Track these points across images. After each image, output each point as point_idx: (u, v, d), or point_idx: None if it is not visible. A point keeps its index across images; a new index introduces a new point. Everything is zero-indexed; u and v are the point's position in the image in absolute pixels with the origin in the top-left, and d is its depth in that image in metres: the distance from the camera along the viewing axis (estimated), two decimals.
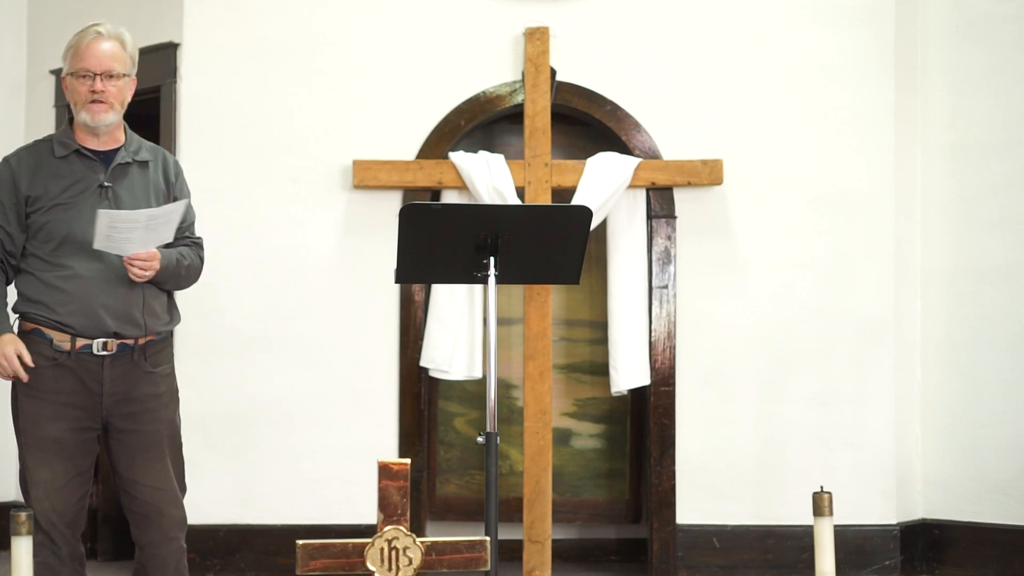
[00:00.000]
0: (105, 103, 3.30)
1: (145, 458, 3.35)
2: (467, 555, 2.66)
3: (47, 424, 3.25)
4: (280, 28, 5.21)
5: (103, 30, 3.36)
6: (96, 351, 3.26)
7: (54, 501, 3.26)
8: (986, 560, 5.13)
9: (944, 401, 5.28)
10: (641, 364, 5.09)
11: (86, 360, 3.26)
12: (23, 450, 3.29)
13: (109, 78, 3.31)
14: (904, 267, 5.29)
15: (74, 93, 3.32)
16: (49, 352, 3.25)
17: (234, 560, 5.07)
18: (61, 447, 3.26)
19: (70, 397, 3.26)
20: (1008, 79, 5.23)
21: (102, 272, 3.27)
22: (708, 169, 5.10)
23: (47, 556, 3.25)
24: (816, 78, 5.21)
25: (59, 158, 3.31)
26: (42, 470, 3.26)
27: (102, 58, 3.31)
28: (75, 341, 3.25)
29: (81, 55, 3.31)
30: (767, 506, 5.11)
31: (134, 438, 3.34)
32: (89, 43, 3.32)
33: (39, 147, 3.36)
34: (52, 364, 3.25)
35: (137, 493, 3.36)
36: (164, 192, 3.42)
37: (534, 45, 5.11)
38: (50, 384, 3.25)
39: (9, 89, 5.90)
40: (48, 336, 3.25)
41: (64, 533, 3.28)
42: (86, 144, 3.34)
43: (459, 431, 5.42)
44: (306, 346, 5.13)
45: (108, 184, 3.31)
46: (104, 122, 3.31)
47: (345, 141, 5.17)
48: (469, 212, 3.81)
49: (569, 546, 5.42)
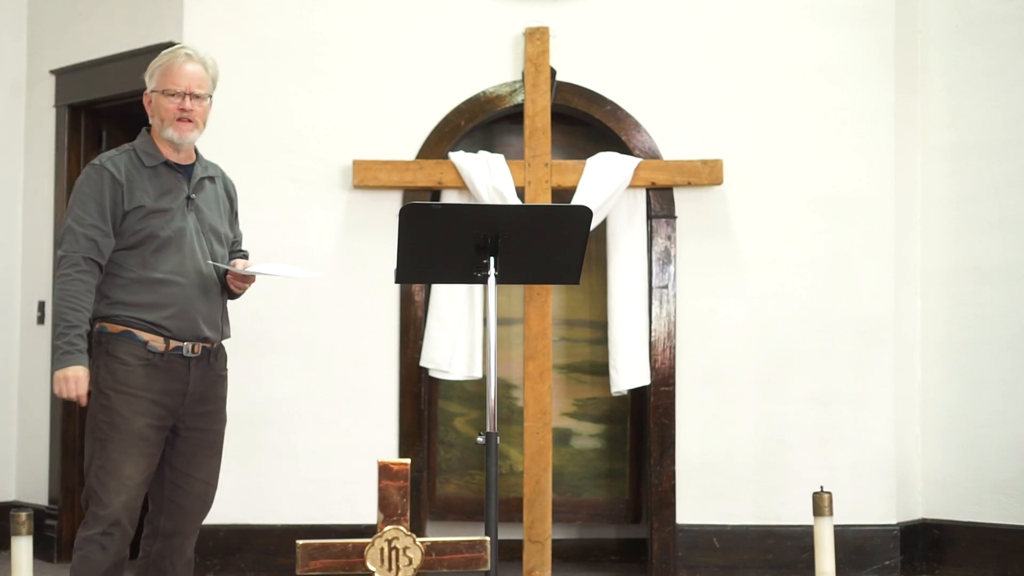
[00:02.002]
0: (192, 122, 3.47)
1: (206, 455, 3.52)
2: (467, 555, 2.66)
3: (138, 420, 3.35)
4: (280, 28, 5.21)
5: (191, 52, 3.52)
6: (186, 353, 3.42)
7: (130, 496, 3.34)
8: (986, 560, 5.13)
9: (944, 401, 5.28)
10: (641, 364, 5.09)
11: (175, 361, 3.41)
12: (104, 445, 3.34)
13: (196, 98, 3.47)
14: (904, 267, 5.29)
15: (161, 110, 3.46)
16: (142, 353, 3.37)
17: (234, 560, 5.07)
18: (147, 444, 3.37)
19: (158, 395, 3.39)
20: (1008, 79, 5.24)
21: (198, 279, 3.45)
22: (708, 169, 5.10)
23: (94, 551, 3.29)
24: (816, 78, 5.21)
25: (149, 167, 3.45)
26: (128, 465, 3.34)
27: (191, 79, 3.47)
28: (168, 343, 3.40)
29: (172, 75, 3.46)
30: (767, 506, 5.11)
31: (203, 436, 3.50)
32: (180, 64, 3.47)
33: (127, 155, 3.47)
34: (144, 364, 3.37)
35: (189, 486, 3.48)
36: (228, 207, 3.67)
37: (534, 45, 5.11)
38: (142, 382, 3.36)
39: (9, 89, 5.90)
40: (141, 339, 3.37)
41: (126, 530, 3.34)
42: (170, 158, 3.49)
43: (459, 431, 5.42)
44: (306, 346, 5.13)
45: (193, 196, 3.51)
46: (190, 140, 3.50)
47: (345, 141, 5.17)
48: (469, 212, 3.81)
49: (569, 546, 5.42)
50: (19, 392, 5.89)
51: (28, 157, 5.90)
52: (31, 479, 5.79)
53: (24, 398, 5.87)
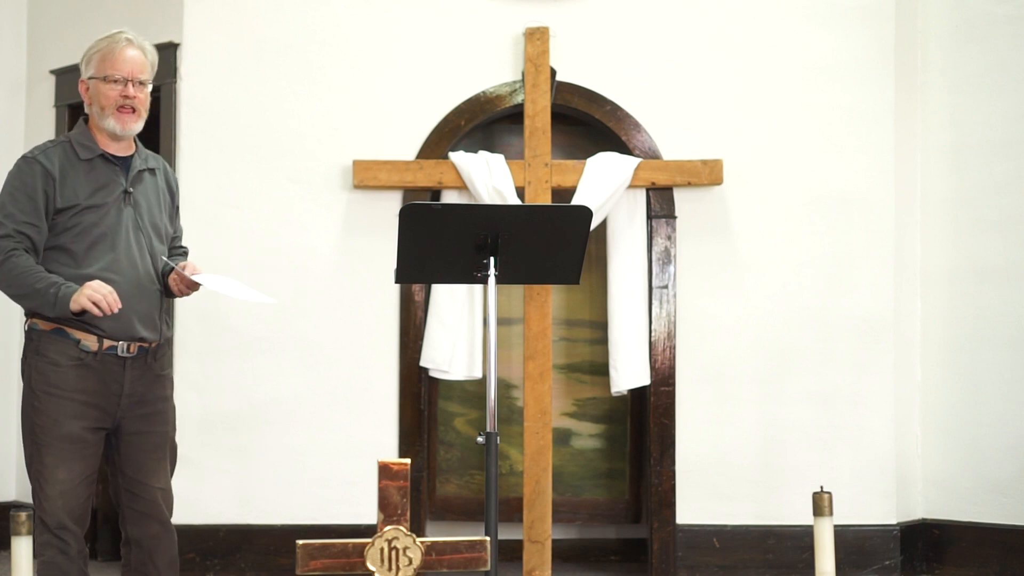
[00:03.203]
0: (135, 111, 3.34)
1: (153, 459, 3.41)
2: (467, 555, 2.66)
3: (69, 423, 3.26)
4: (280, 28, 5.21)
5: (131, 37, 3.39)
6: (120, 353, 3.31)
7: (67, 500, 3.27)
8: (986, 560, 5.13)
9: (944, 401, 5.28)
10: (641, 364, 5.09)
11: (109, 361, 3.30)
12: (39, 448, 3.29)
13: (139, 85, 3.35)
14: (904, 267, 5.29)
15: (102, 97, 3.33)
16: (74, 352, 3.27)
17: (234, 560, 5.07)
18: (79, 446, 3.28)
19: (91, 397, 3.29)
20: (1008, 79, 5.23)
21: (134, 277, 3.32)
22: (708, 169, 5.10)
23: (55, 555, 3.25)
24: (816, 78, 5.21)
25: (84, 160, 3.33)
26: (60, 469, 3.26)
27: (133, 64, 3.34)
28: (102, 342, 3.28)
29: (112, 60, 3.33)
30: (767, 506, 5.11)
31: (146, 439, 3.40)
32: (121, 49, 3.34)
33: (61, 148, 3.34)
34: (76, 364, 3.28)
35: (144, 493, 3.40)
36: (168, 200, 3.51)
37: (534, 45, 5.11)
38: (73, 383, 3.26)
39: (9, 89, 5.90)
40: (74, 337, 3.27)
41: (75, 531, 3.29)
42: (107, 149, 3.36)
43: (459, 431, 5.42)
44: (306, 346, 5.13)
45: (131, 190, 3.37)
46: (133, 131, 3.37)
47: (345, 141, 5.17)
48: (469, 212, 3.81)
49: (569, 546, 5.42)
50: (19, 392, 5.88)
51: None
52: None
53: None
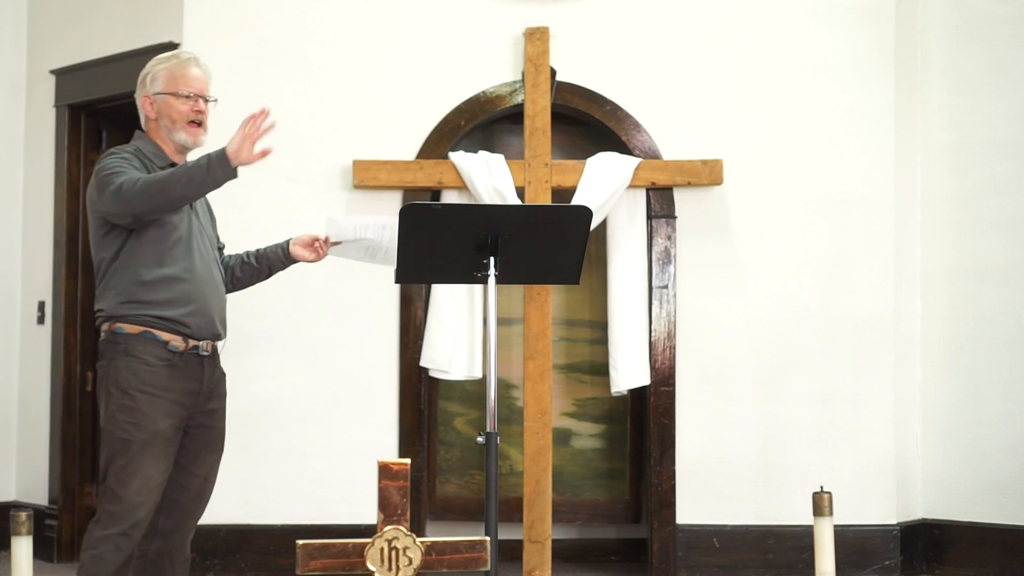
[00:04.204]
0: (202, 126, 3.49)
1: (210, 452, 3.51)
2: (467, 555, 2.66)
3: (162, 421, 3.33)
4: (280, 28, 5.21)
5: (196, 57, 3.53)
6: (201, 352, 3.42)
7: (147, 498, 3.32)
8: (986, 560, 5.13)
9: (944, 401, 5.28)
10: (641, 364, 5.09)
11: (192, 361, 3.40)
12: (128, 446, 3.30)
13: (206, 102, 3.50)
14: (904, 267, 5.29)
15: (173, 111, 3.45)
16: (163, 353, 3.35)
17: (234, 560, 5.07)
18: (167, 444, 3.36)
19: (179, 396, 3.38)
20: (1008, 79, 5.24)
21: (209, 278, 3.45)
22: (708, 169, 5.10)
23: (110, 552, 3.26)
24: (816, 78, 5.21)
25: (159, 168, 3.43)
26: (151, 465, 3.32)
27: (202, 83, 3.50)
28: (187, 342, 3.38)
29: (184, 78, 3.47)
30: (767, 506, 5.11)
31: (209, 434, 3.50)
32: (191, 67, 3.49)
33: (139, 152, 3.42)
34: (166, 364, 3.35)
35: (189, 483, 3.47)
36: (209, 212, 3.67)
37: (534, 45, 5.11)
38: (165, 382, 3.34)
39: (9, 89, 5.90)
40: (162, 339, 3.34)
41: (144, 530, 3.35)
42: (173, 160, 3.48)
43: (459, 431, 5.42)
44: (306, 346, 5.13)
45: None
46: (202, 143, 3.51)
47: (345, 141, 5.17)
48: (469, 212, 3.81)
49: (569, 546, 5.42)
50: (19, 392, 5.89)
51: (28, 157, 5.90)
52: (31, 479, 5.79)
53: (24, 398, 5.87)
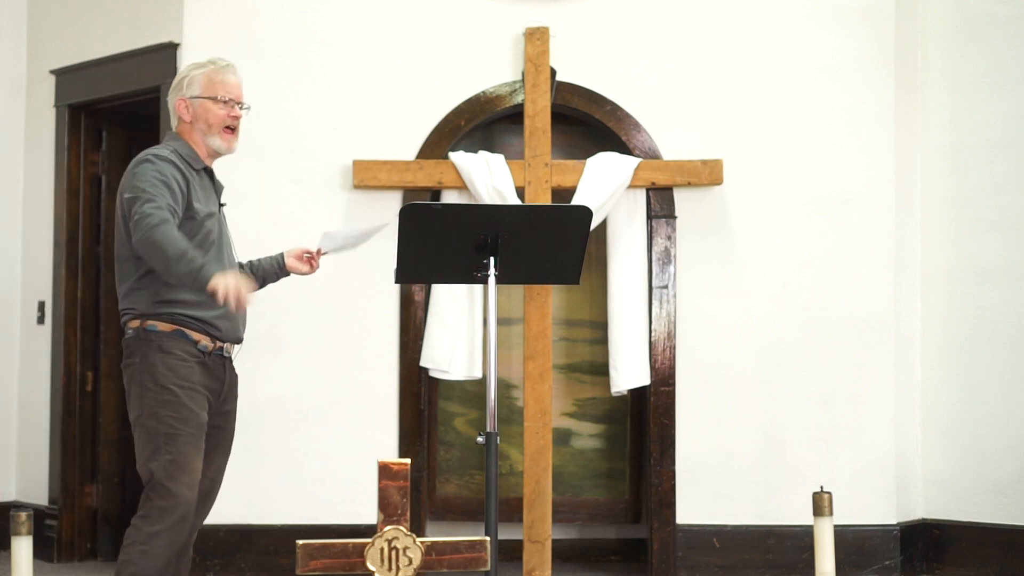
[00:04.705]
0: (235, 132, 3.55)
1: (219, 452, 3.57)
2: (467, 555, 2.66)
3: (201, 414, 3.41)
4: (280, 28, 5.21)
5: (232, 64, 3.57)
6: (225, 353, 3.51)
7: (196, 489, 3.38)
8: (986, 560, 5.13)
9: (944, 401, 5.28)
10: (641, 364, 5.09)
11: (217, 361, 3.48)
12: (173, 440, 3.33)
13: (242, 108, 3.56)
14: (904, 267, 5.29)
15: (210, 115, 3.50)
16: (194, 351, 3.41)
17: (234, 560, 5.07)
18: (204, 438, 3.42)
19: (210, 394, 3.46)
20: (1008, 79, 5.24)
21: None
22: (708, 169, 5.10)
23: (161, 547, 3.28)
24: (816, 78, 5.21)
25: (196, 170, 3.47)
26: (197, 458, 3.38)
27: (238, 89, 3.55)
28: (215, 343, 3.46)
29: (222, 83, 3.51)
30: (767, 506, 5.11)
31: (221, 435, 3.56)
32: (228, 74, 3.54)
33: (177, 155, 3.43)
34: (198, 361, 3.42)
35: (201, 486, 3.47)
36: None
37: (534, 45, 5.11)
38: (199, 378, 3.41)
39: (9, 89, 5.90)
40: (192, 338, 3.40)
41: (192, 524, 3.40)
42: (205, 163, 3.53)
43: (459, 431, 5.42)
44: (306, 346, 5.13)
45: (223, 203, 3.59)
46: (234, 150, 3.58)
47: (345, 141, 5.17)
48: (469, 212, 3.81)
49: (569, 546, 5.42)
50: (19, 392, 5.89)
51: (28, 157, 5.90)
52: (31, 479, 5.79)
53: (24, 398, 5.87)
